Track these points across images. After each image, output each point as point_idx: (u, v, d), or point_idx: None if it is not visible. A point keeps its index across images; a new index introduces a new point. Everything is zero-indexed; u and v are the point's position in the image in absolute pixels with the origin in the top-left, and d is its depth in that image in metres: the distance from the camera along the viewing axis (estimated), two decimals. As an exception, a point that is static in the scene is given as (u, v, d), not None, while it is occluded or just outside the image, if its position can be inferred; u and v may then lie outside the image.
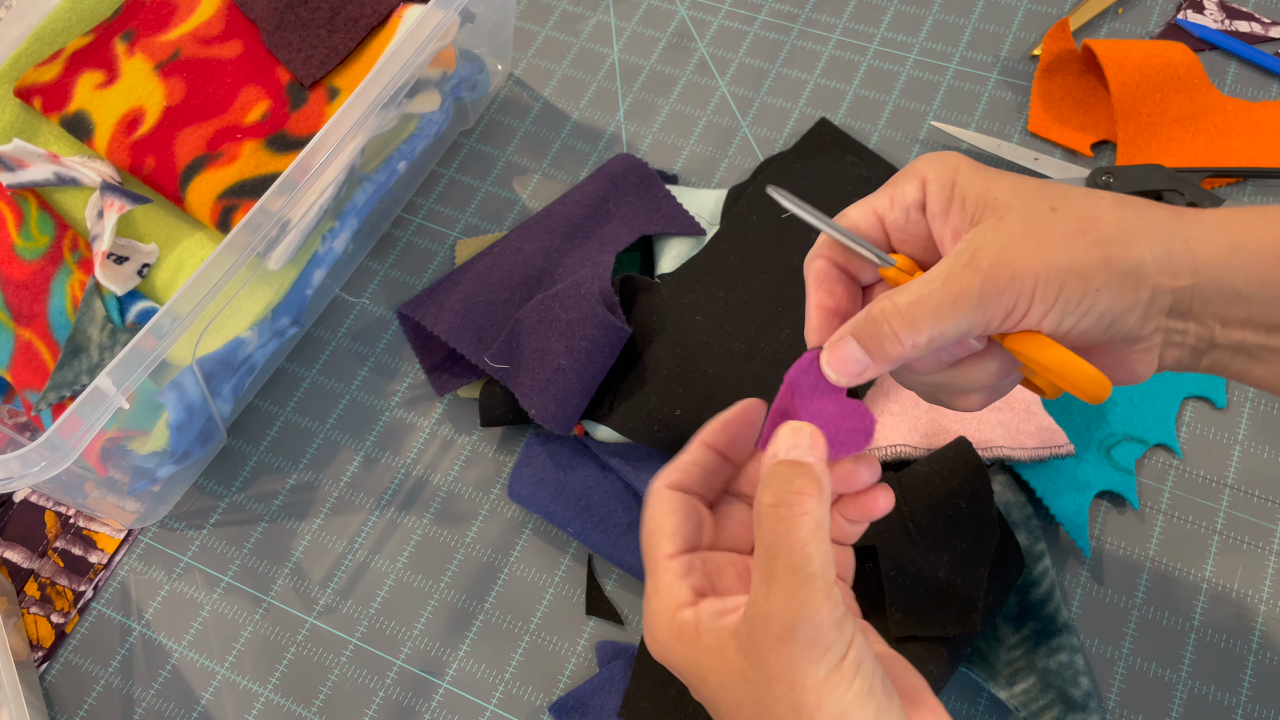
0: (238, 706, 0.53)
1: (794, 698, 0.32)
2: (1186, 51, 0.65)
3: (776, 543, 0.33)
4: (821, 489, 0.34)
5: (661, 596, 0.36)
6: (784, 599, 0.32)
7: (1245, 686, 0.50)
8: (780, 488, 0.34)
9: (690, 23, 0.74)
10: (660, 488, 0.39)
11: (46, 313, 0.55)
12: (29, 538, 0.58)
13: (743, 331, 0.55)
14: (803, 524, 0.33)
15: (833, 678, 0.32)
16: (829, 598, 0.32)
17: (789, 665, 0.32)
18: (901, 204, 0.37)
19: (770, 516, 0.34)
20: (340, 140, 0.52)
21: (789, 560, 0.33)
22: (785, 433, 0.36)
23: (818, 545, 0.33)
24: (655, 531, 0.38)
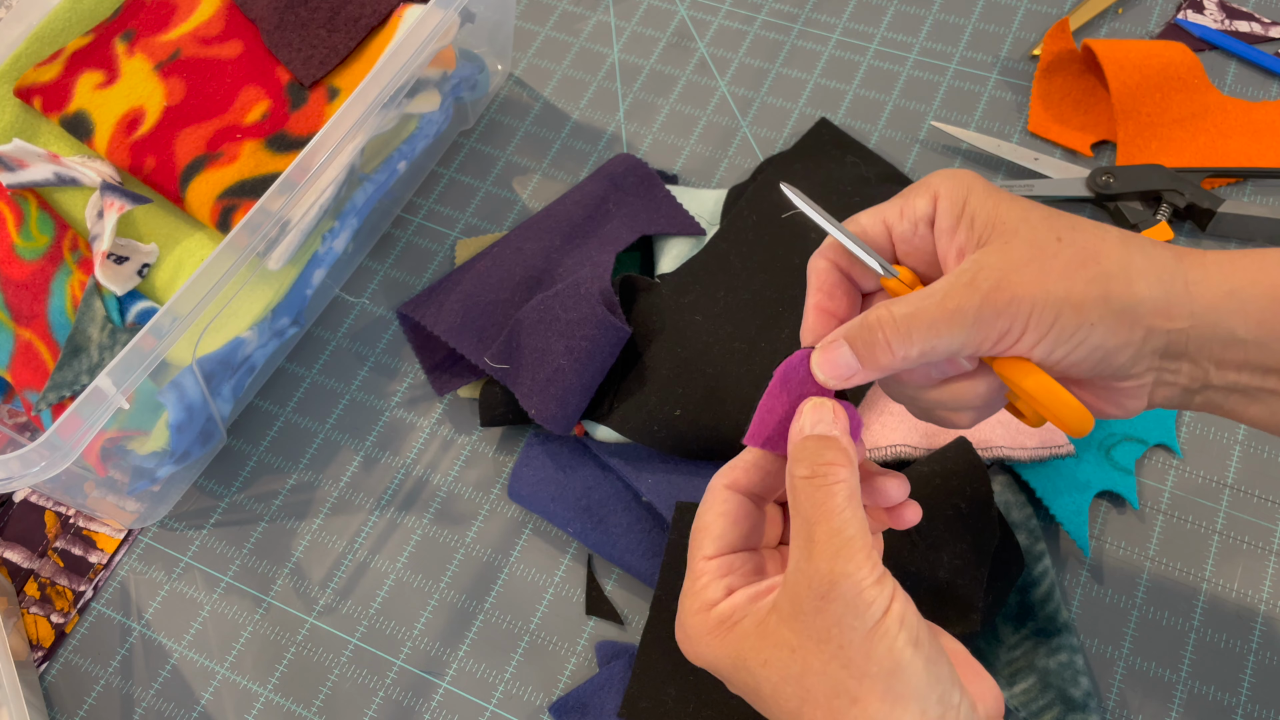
0: (238, 706, 0.53)
1: (844, 655, 0.33)
2: (1186, 51, 0.65)
3: (814, 510, 0.34)
4: (851, 460, 0.35)
5: (695, 596, 0.37)
6: (826, 559, 0.33)
7: (1245, 686, 0.50)
8: (812, 460, 0.35)
9: (690, 23, 0.74)
10: (717, 485, 0.39)
11: (46, 313, 0.55)
12: (29, 538, 0.58)
13: (743, 331, 0.55)
14: (837, 491, 0.34)
15: (878, 630, 0.32)
16: (869, 558, 0.33)
17: (835, 623, 0.33)
18: (911, 216, 0.38)
19: (805, 487, 0.34)
20: (340, 140, 0.52)
21: (828, 525, 0.33)
22: (809, 409, 0.36)
23: (854, 511, 0.34)
24: (700, 531, 0.38)
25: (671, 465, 0.54)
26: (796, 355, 0.38)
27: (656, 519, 0.53)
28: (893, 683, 0.32)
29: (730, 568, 0.37)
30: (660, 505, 0.52)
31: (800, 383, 0.37)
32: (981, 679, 0.35)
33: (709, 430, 0.52)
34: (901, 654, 0.32)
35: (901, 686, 0.32)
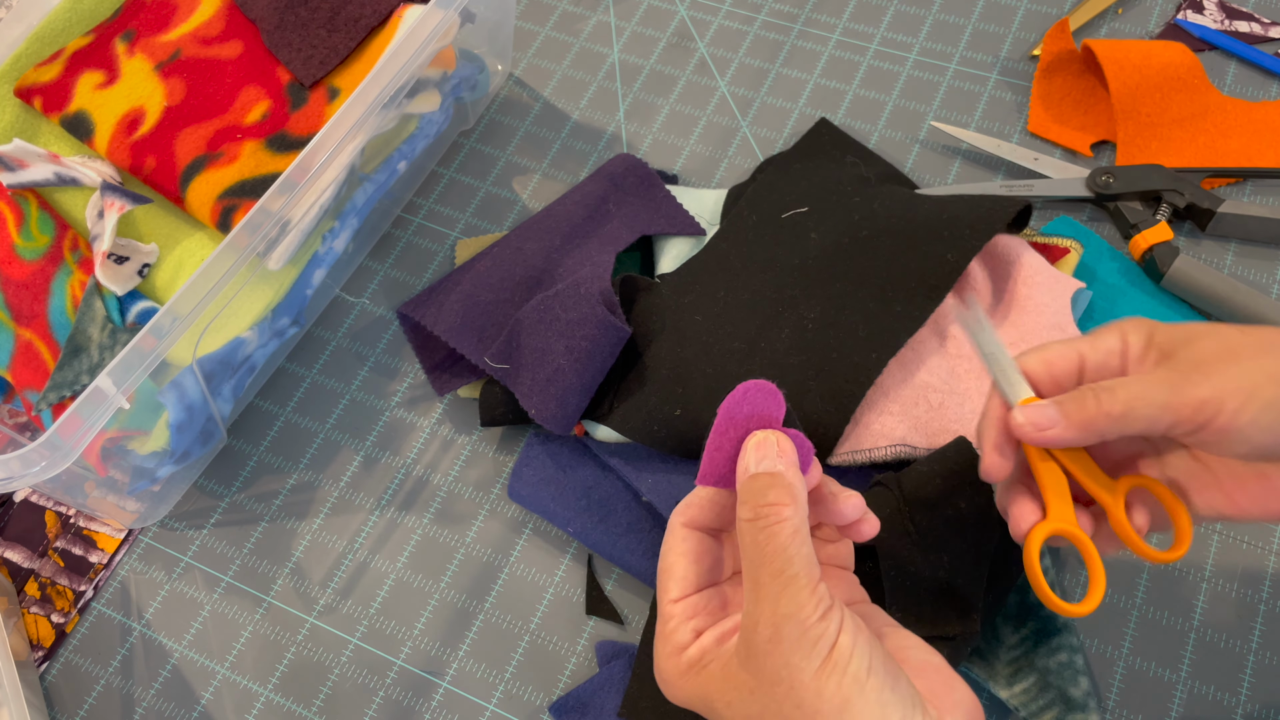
0: (238, 706, 0.53)
1: (795, 695, 0.33)
2: (1186, 51, 0.65)
3: (757, 553, 0.34)
4: (795, 495, 0.35)
5: (665, 639, 0.37)
6: (770, 602, 0.34)
7: (1245, 686, 0.50)
8: (755, 502, 0.35)
9: (690, 23, 0.74)
10: (676, 524, 0.40)
11: (47, 313, 0.55)
12: (29, 538, 0.58)
13: (743, 331, 0.55)
14: (780, 531, 0.34)
15: (826, 666, 0.33)
16: (813, 594, 0.34)
17: (783, 665, 0.33)
18: (1103, 348, 0.41)
19: (749, 530, 0.35)
20: (340, 140, 0.52)
21: (771, 567, 0.34)
22: (752, 446, 0.37)
23: (797, 548, 0.34)
24: (664, 572, 0.39)
25: (671, 465, 0.54)
26: (739, 389, 0.38)
27: (656, 519, 0.53)
28: (845, 718, 0.32)
29: (696, 609, 0.38)
30: (660, 505, 0.52)
31: (746, 418, 0.38)
32: (954, 689, 0.35)
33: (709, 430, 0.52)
34: (850, 689, 0.33)
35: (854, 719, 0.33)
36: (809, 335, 0.54)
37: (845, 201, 0.59)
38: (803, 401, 0.52)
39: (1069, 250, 0.59)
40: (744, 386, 0.38)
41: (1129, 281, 0.60)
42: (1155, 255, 0.59)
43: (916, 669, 0.36)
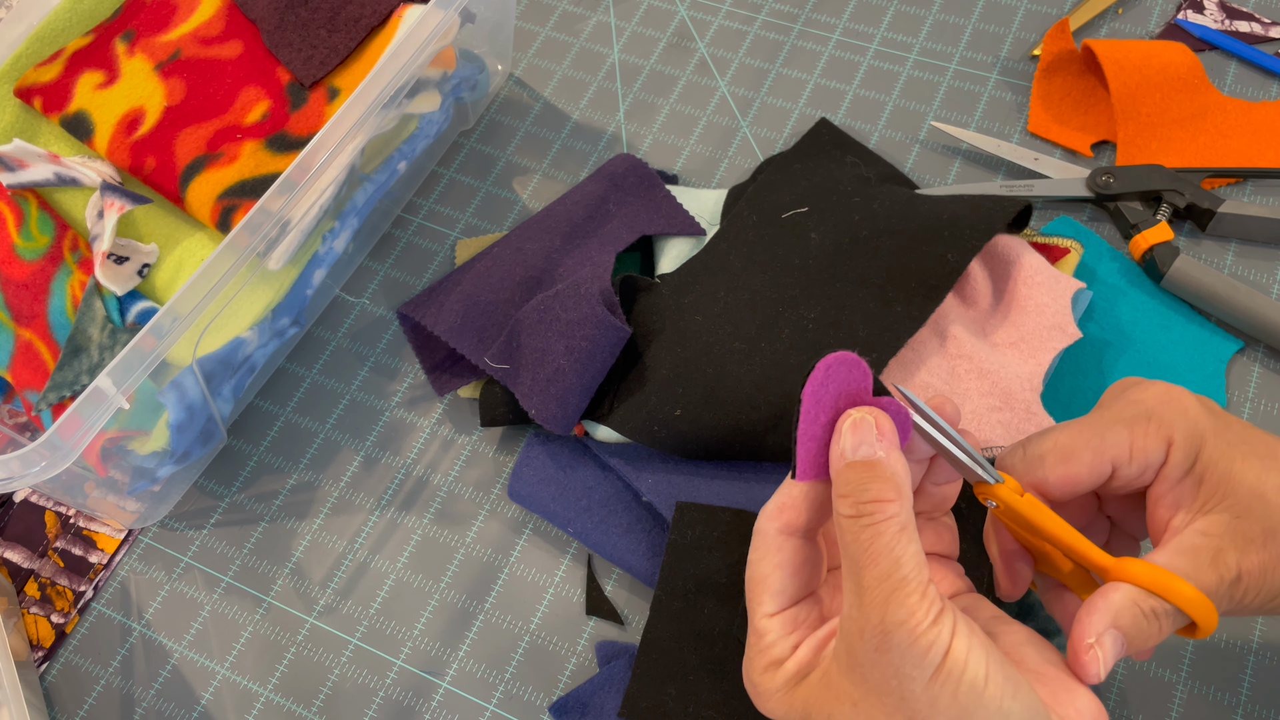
0: (238, 706, 0.53)
1: (907, 707, 0.31)
2: (1186, 51, 0.65)
3: (861, 553, 0.32)
4: (899, 487, 0.32)
5: (761, 653, 0.35)
6: (876, 607, 0.31)
7: (1245, 686, 0.50)
8: (856, 496, 0.32)
9: (690, 23, 0.74)
10: (769, 530, 0.36)
11: (46, 313, 0.55)
12: (29, 538, 0.58)
13: (743, 331, 0.55)
14: (886, 529, 0.31)
15: (939, 676, 0.30)
16: (924, 598, 0.31)
17: (892, 675, 0.31)
18: (1142, 462, 0.35)
19: (851, 528, 0.32)
20: (340, 140, 0.52)
21: (876, 569, 0.31)
22: (848, 429, 0.33)
23: (904, 546, 0.31)
24: (757, 583, 0.36)
25: (671, 465, 0.54)
26: (820, 367, 0.34)
27: (656, 519, 0.53)
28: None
29: (796, 622, 0.35)
30: (660, 505, 0.52)
31: (835, 397, 0.34)
32: (1076, 695, 0.33)
33: (709, 430, 0.52)
34: (968, 698, 0.30)
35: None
36: (809, 335, 0.54)
37: (845, 201, 0.59)
38: (803, 401, 0.52)
39: (1069, 250, 0.59)
40: (825, 363, 0.34)
41: (1129, 281, 0.60)
42: (1155, 255, 0.59)
43: (1034, 672, 0.33)
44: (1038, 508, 0.35)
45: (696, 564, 0.50)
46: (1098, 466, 0.35)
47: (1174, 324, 0.58)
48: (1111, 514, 0.40)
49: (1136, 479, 0.35)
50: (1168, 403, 0.35)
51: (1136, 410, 0.35)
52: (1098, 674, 0.33)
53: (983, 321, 0.57)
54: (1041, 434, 0.37)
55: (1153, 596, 0.33)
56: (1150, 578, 0.33)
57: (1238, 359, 0.58)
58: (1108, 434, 0.35)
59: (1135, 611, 0.33)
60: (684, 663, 0.48)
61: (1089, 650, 0.33)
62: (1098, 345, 0.57)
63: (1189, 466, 0.34)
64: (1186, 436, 0.34)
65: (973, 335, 0.55)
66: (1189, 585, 0.33)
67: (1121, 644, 0.33)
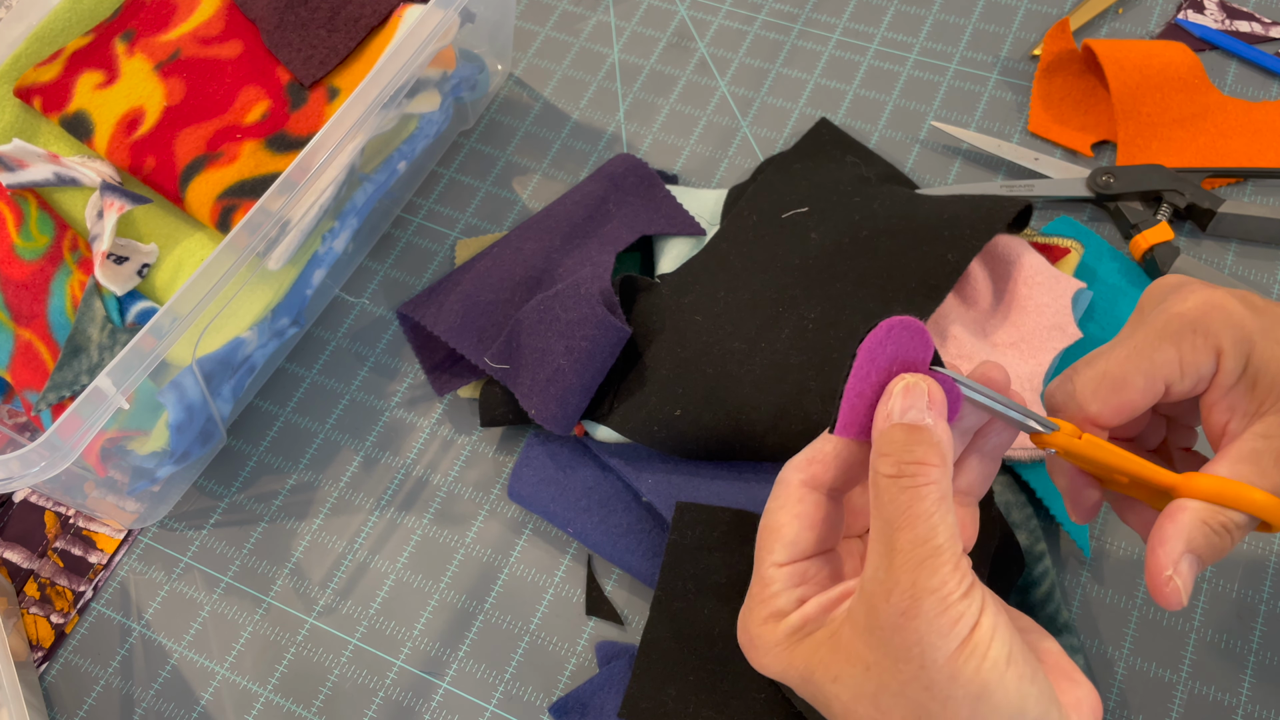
0: (238, 706, 0.53)
1: (925, 676, 0.30)
2: (1186, 51, 0.65)
3: (898, 514, 0.31)
4: (944, 455, 0.32)
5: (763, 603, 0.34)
6: (908, 571, 0.30)
7: (1245, 686, 0.50)
8: (899, 456, 0.31)
9: (690, 23, 0.74)
10: (793, 481, 0.35)
11: (46, 313, 0.55)
12: (29, 538, 0.58)
13: (743, 331, 0.55)
14: (927, 494, 0.31)
15: (965, 648, 0.30)
16: (957, 569, 0.30)
17: (916, 642, 0.30)
18: (1194, 374, 0.34)
19: (890, 488, 0.31)
20: (340, 140, 0.52)
21: (912, 533, 0.30)
22: (900, 390, 0.33)
23: (943, 515, 0.31)
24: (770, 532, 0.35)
25: (671, 465, 0.54)
26: (882, 327, 0.34)
27: (656, 519, 0.53)
28: (980, 707, 0.29)
29: (804, 576, 0.34)
30: (660, 505, 0.52)
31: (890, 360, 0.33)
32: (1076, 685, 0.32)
33: (709, 430, 0.52)
34: (990, 675, 0.29)
35: (990, 711, 0.29)
36: (809, 335, 0.54)
37: (845, 201, 0.59)
38: (803, 401, 0.52)
39: (1069, 250, 0.59)
40: (888, 324, 0.33)
41: (1129, 281, 0.60)
42: (1156, 255, 0.59)
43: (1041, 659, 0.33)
44: (1096, 445, 0.35)
45: (696, 564, 0.50)
46: (1150, 389, 0.34)
47: (1174, 324, 0.58)
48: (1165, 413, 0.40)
49: (1190, 393, 0.35)
50: (1211, 310, 0.34)
51: (1180, 324, 0.34)
52: (1180, 603, 0.33)
53: (983, 322, 0.57)
54: (1087, 364, 0.36)
55: (1221, 510, 0.33)
56: (1217, 490, 0.33)
57: (1238, 359, 0.58)
58: (1156, 355, 0.34)
59: (1205, 530, 0.33)
60: (684, 663, 0.48)
61: (1168, 582, 0.33)
62: (1098, 345, 0.57)
63: (1240, 372, 0.33)
64: (1235, 343, 0.33)
65: (973, 335, 0.55)
66: (1257, 490, 0.33)
67: (1197, 565, 0.33)
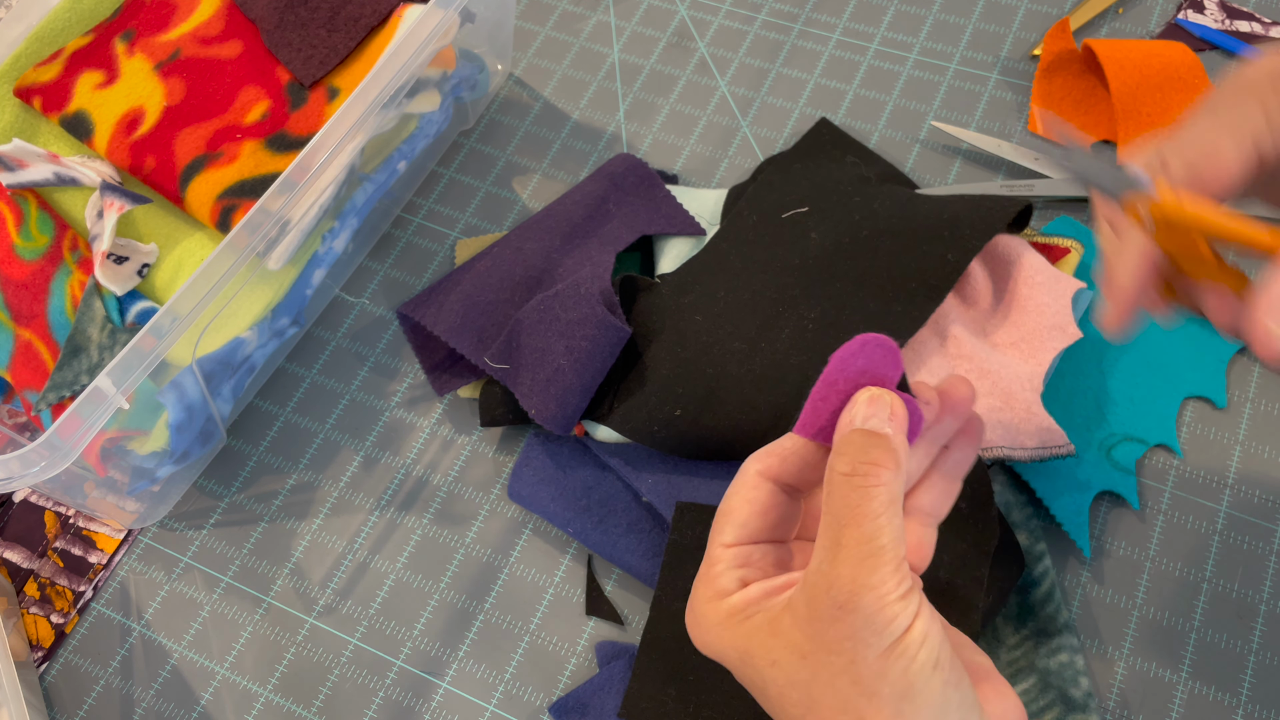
0: (238, 706, 0.53)
1: (854, 670, 0.31)
2: (1187, 51, 0.65)
3: (847, 511, 0.32)
4: (898, 463, 0.33)
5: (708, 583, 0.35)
6: (850, 566, 0.31)
7: (1245, 686, 0.50)
8: (855, 457, 0.32)
9: (690, 23, 0.74)
10: (750, 470, 0.36)
11: (46, 313, 0.55)
12: (29, 538, 0.58)
13: (743, 331, 0.55)
14: (876, 495, 0.32)
15: (896, 649, 0.31)
16: (897, 571, 0.31)
17: (849, 636, 0.31)
18: None
19: (843, 485, 0.32)
20: (340, 140, 0.52)
21: (858, 530, 0.31)
22: (865, 400, 0.34)
23: (890, 519, 0.31)
24: (723, 515, 0.36)
25: (671, 465, 0.54)
26: (856, 341, 0.35)
27: (656, 519, 0.53)
28: (903, 706, 0.30)
29: (748, 559, 0.35)
30: (660, 505, 0.52)
31: (859, 372, 0.35)
32: (1004, 697, 0.33)
33: (709, 430, 0.52)
34: (917, 677, 0.30)
35: (912, 712, 0.30)
36: (809, 335, 0.54)
37: (845, 201, 0.59)
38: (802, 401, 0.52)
39: (1069, 250, 0.59)
40: (861, 339, 0.35)
41: (1129, 281, 0.60)
42: (1155, 255, 0.59)
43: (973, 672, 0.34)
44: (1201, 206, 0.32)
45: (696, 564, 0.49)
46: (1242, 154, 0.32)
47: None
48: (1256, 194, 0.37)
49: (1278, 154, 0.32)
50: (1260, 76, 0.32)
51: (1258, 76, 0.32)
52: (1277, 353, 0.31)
53: (983, 321, 0.57)
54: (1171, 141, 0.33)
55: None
56: None
57: (1238, 359, 0.58)
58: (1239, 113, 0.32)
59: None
60: (684, 663, 0.48)
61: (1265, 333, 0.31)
62: (1098, 345, 0.57)
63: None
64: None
65: (973, 335, 0.55)
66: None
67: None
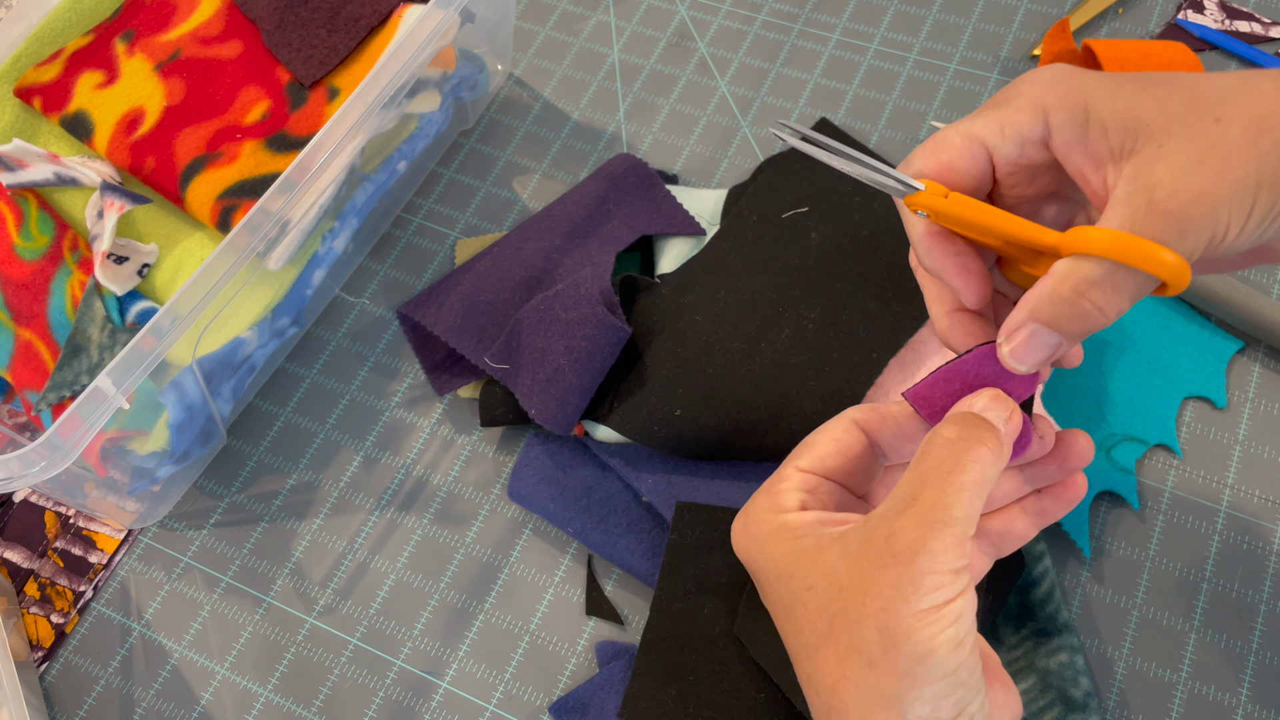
0: (238, 706, 0.53)
1: (883, 618, 0.31)
2: (1186, 51, 0.65)
3: (936, 472, 0.32)
4: (1000, 455, 0.33)
5: (770, 494, 0.35)
6: (916, 522, 0.31)
7: (1245, 686, 0.50)
8: (964, 428, 0.33)
9: (690, 23, 0.74)
10: (846, 415, 0.37)
11: (46, 313, 0.55)
12: (29, 538, 0.58)
13: (743, 331, 0.55)
14: (969, 469, 0.32)
15: (930, 615, 0.31)
16: (960, 547, 0.31)
17: (892, 585, 0.31)
18: (1016, 137, 0.33)
19: (942, 447, 0.32)
20: (340, 140, 0.52)
21: (939, 494, 0.31)
22: (990, 395, 0.34)
23: (972, 496, 0.32)
24: (805, 444, 0.36)
25: (671, 465, 0.54)
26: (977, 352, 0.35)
27: (656, 519, 0.53)
28: (916, 667, 0.31)
29: (815, 488, 0.35)
30: (660, 505, 0.52)
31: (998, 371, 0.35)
32: (1007, 690, 0.34)
33: (709, 430, 0.52)
34: (940, 647, 0.31)
35: (924, 673, 0.31)
36: (809, 335, 0.54)
37: (845, 201, 0.59)
38: (803, 401, 0.52)
39: (1069, 250, 0.59)
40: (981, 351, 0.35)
41: (1129, 281, 0.60)
42: (1155, 255, 0.59)
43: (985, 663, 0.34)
44: (967, 204, 0.34)
45: (696, 564, 0.50)
46: (968, 149, 0.34)
47: (1174, 324, 0.58)
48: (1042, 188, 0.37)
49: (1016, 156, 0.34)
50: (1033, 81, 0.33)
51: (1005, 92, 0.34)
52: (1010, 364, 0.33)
53: (983, 321, 0.57)
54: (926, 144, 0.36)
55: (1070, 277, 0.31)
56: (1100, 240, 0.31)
57: (1238, 359, 0.58)
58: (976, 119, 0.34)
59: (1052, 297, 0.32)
60: (684, 663, 0.48)
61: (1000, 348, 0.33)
62: (1098, 345, 0.57)
63: (1083, 126, 0.32)
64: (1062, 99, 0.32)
65: (973, 335, 0.55)
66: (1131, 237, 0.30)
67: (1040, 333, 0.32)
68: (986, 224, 0.34)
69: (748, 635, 0.47)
